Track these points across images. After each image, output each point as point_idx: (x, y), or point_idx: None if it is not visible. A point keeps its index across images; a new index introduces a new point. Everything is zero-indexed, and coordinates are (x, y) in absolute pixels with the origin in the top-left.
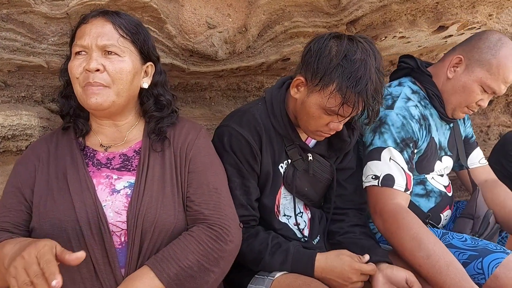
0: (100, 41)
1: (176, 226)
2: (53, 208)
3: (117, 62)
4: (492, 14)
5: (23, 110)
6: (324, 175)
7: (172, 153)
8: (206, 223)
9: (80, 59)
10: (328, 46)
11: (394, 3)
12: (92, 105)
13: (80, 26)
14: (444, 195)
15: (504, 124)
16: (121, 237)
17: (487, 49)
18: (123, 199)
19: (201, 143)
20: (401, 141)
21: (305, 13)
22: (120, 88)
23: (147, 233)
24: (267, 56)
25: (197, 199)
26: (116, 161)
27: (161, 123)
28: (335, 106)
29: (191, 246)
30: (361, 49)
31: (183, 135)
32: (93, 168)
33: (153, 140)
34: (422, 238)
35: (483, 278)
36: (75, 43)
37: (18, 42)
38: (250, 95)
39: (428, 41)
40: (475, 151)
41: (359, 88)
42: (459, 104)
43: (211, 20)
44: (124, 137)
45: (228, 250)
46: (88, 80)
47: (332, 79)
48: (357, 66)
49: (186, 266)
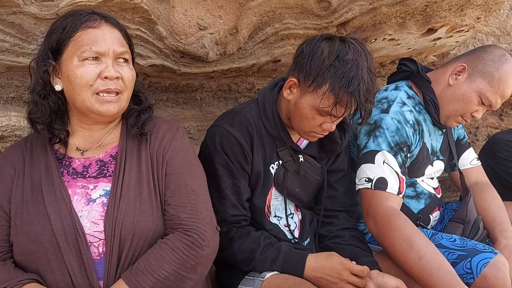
0: (118, 49)
1: (156, 231)
2: (28, 221)
3: (129, 69)
4: (480, 17)
5: (12, 111)
6: (315, 177)
7: (148, 156)
8: (182, 228)
9: (93, 66)
10: (320, 47)
11: (384, 5)
12: (105, 113)
13: (84, 29)
14: (434, 197)
15: (492, 126)
16: (99, 247)
17: (491, 61)
18: (99, 208)
19: (178, 145)
20: (395, 145)
21: (296, 15)
22: (128, 94)
23: (126, 241)
24: (258, 57)
25: (174, 202)
26: (92, 169)
27: (141, 116)
28: (328, 107)
29: (167, 256)
30: (353, 50)
31: (159, 137)
32: (68, 177)
33: (133, 135)
34: (413, 239)
35: (472, 277)
36: (84, 46)
37: (7, 43)
38: (241, 96)
39: (417, 43)
40: (466, 152)
41: (352, 88)
42: (455, 112)
43: (202, 22)
44: (101, 140)
45: (205, 255)
46: (107, 87)
47: (325, 80)
48: (349, 66)
49: (162, 277)
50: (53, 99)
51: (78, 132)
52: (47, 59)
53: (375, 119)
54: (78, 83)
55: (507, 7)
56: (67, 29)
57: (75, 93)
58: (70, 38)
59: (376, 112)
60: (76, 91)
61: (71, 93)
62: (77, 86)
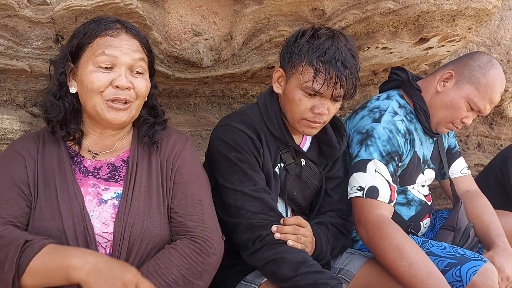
0: (131, 60)
1: (162, 238)
2: (40, 215)
3: (143, 80)
4: (471, 28)
5: (4, 114)
6: (314, 182)
7: (158, 163)
8: (189, 235)
9: (106, 73)
10: (296, 34)
11: (377, 15)
12: (112, 120)
13: (103, 36)
14: (424, 204)
15: (482, 134)
16: (106, 248)
17: (477, 67)
18: (110, 210)
19: (187, 155)
20: (387, 154)
21: (290, 22)
22: (139, 104)
23: (134, 245)
24: (252, 64)
25: (180, 211)
26: (103, 171)
27: (153, 127)
28: (309, 81)
29: (175, 260)
30: (328, 29)
31: (170, 146)
32: (80, 175)
33: (145, 144)
34: (404, 247)
35: (461, 285)
36: (100, 53)
37: (1, 46)
38: (235, 101)
39: (410, 52)
40: (457, 161)
41: (327, 56)
42: (445, 118)
43: (196, 28)
44: (114, 145)
45: (211, 263)
46: (117, 96)
47: (302, 56)
48: (323, 39)
49: (171, 281)
50: (68, 100)
51: (90, 135)
52: (65, 61)
53: (367, 128)
54: (90, 88)
55: (498, 18)
56: (88, 34)
57: (87, 97)
58: (89, 44)
59: (368, 121)
60: (88, 96)
61: (83, 97)
62: (88, 91)
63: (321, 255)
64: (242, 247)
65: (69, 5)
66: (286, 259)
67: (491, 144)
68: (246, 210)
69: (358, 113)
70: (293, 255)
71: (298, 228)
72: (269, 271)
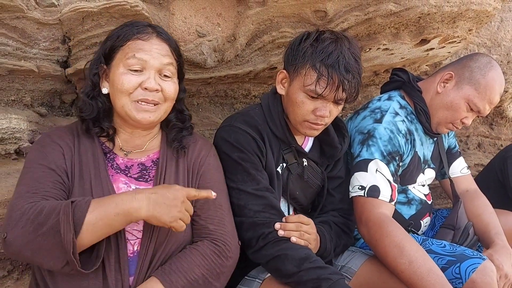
0: (160, 64)
1: (185, 239)
2: None
3: (171, 84)
4: (471, 29)
5: (12, 114)
6: (316, 181)
7: (185, 167)
8: (210, 237)
9: (136, 75)
10: (300, 37)
11: (378, 16)
12: (141, 120)
13: (134, 40)
14: (424, 203)
15: (483, 134)
16: (134, 246)
17: (477, 69)
18: None
19: (212, 161)
20: (388, 154)
21: (293, 23)
22: (168, 106)
23: (161, 244)
24: (254, 64)
25: (203, 214)
26: (134, 170)
27: (181, 132)
28: (312, 83)
29: (197, 260)
30: (332, 33)
31: (196, 151)
32: (112, 171)
33: (174, 148)
34: (404, 245)
35: (461, 282)
36: (131, 56)
37: (10, 47)
38: (237, 102)
39: (411, 53)
40: (457, 161)
41: (331, 60)
42: (445, 119)
43: (200, 29)
44: (144, 145)
45: (229, 265)
46: (145, 97)
47: (306, 59)
48: (327, 43)
49: (192, 279)
50: (101, 100)
51: (120, 134)
52: (99, 63)
53: (368, 128)
54: (119, 89)
55: (498, 20)
56: (120, 37)
57: (116, 97)
58: (121, 47)
59: (369, 121)
60: (117, 96)
61: (114, 97)
62: (118, 92)
63: (326, 253)
64: (246, 245)
65: (76, 7)
66: (289, 256)
67: (491, 144)
68: (249, 209)
69: (359, 113)
70: (296, 252)
71: (301, 225)
72: (273, 267)
